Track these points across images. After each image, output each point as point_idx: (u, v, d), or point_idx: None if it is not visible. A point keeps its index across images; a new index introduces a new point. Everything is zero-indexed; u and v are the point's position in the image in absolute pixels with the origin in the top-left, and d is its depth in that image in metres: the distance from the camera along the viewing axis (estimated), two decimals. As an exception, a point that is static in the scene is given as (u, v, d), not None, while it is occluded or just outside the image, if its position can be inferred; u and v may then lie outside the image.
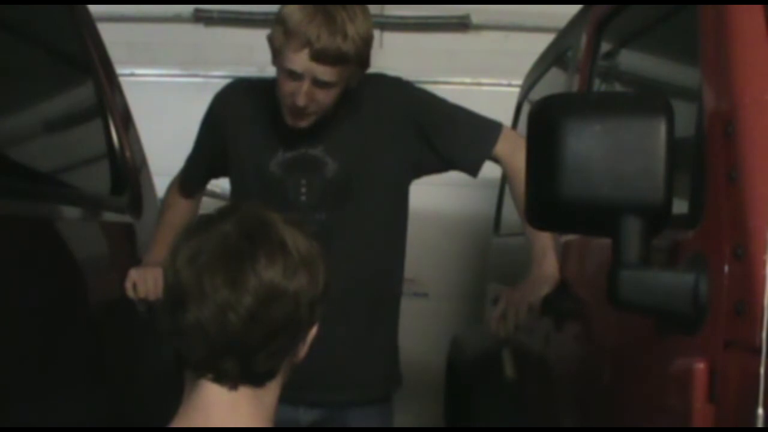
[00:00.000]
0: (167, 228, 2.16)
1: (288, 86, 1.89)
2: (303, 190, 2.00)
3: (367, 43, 1.90)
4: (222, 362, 1.18)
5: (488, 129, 2.09)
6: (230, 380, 1.20)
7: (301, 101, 1.88)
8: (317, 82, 1.87)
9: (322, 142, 2.00)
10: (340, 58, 1.85)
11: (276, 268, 1.18)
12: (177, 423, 1.22)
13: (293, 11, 1.85)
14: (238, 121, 2.08)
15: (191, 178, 2.26)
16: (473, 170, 2.10)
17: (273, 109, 2.00)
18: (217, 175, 2.25)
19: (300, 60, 1.85)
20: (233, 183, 2.13)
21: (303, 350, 1.28)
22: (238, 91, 2.14)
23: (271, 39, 1.92)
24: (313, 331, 1.28)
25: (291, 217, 1.28)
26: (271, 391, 1.25)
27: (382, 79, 2.09)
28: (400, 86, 2.10)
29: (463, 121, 2.08)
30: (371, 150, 2.03)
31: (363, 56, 1.91)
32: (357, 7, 1.88)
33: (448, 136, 2.05)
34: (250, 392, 1.21)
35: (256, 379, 1.22)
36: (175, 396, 1.26)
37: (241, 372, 1.20)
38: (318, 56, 1.83)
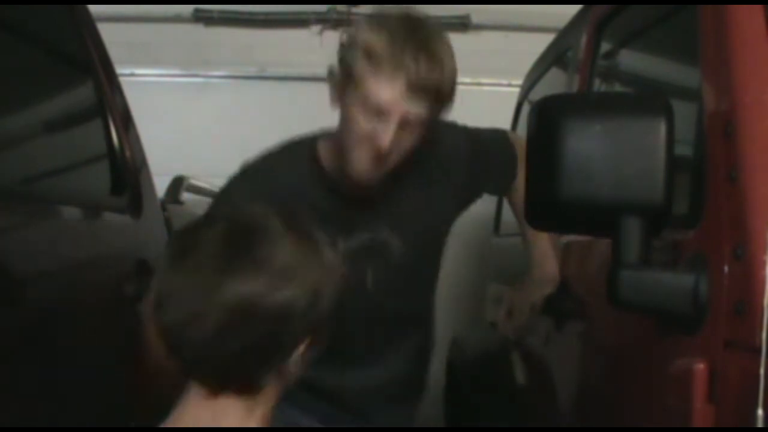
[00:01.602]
0: None
1: (367, 126, 1.56)
2: (370, 278, 1.75)
3: (456, 79, 1.60)
4: (198, 365, 1.17)
5: (508, 150, 1.96)
6: (210, 386, 1.18)
7: (386, 143, 1.54)
8: (405, 122, 1.55)
9: (386, 221, 1.73)
10: (439, 93, 1.56)
11: (255, 281, 1.12)
12: (168, 422, 1.21)
13: (375, 30, 1.54)
14: None
15: None
16: (502, 193, 2.06)
17: (318, 203, 1.68)
18: None
19: (393, 92, 1.52)
20: None
21: (297, 365, 1.21)
22: (257, 183, 1.73)
23: (344, 66, 1.57)
24: (307, 341, 1.19)
25: (292, 222, 1.20)
26: (263, 401, 1.21)
27: (440, 127, 1.74)
28: (457, 133, 1.85)
29: (495, 151, 1.94)
30: (439, 220, 1.83)
31: (452, 96, 1.61)
32: (442, 33, 1.62)
33: (492, 175, 1.93)
34: (237, 399, 1.19)
35: (238, 389, 1.19)
36: (175, 395, 1.26)
37: (220, 381, 1.17)
38: (415, 89, 1.52)
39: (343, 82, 1.59)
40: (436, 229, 1.86)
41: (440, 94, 1.57)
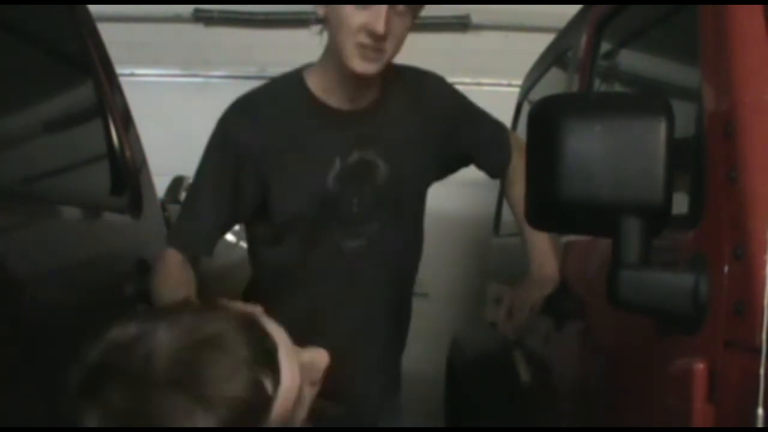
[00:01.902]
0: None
1: (359, 18, 1.65)
2: (355, 200, 1.80)
3: None
4: None
5: (503, 132, 2.06)
6: None
7: (381, 26, 1.62)
8: (393, 10, 1.65)
9: (374, 144, 1.81)
10: None
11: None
12: None
13: None
14: (275, 146, 1.78)
15: (214, 227, 1.83)
16: (496, 174, 2.07)
17: (309, 124, 1.79)
18: (238, 221, 1.90)
19: None
20: (276, 216, 1.81)
21: None
22: (255, 113, 1.81)
23: None
24: None
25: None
26: None
27: (426, 75, 1.95)
28: (444, 85, 1.98)
29: (488, 124, 2.04)
30: (418, 152, 1.88)
31: None
32: None
33: (477, 140, 1.99)
34: None
35: None
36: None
37: None
38: None
39: None
40: (419, 164, 1.90)
41: None
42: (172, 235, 1.89)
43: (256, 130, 1.78)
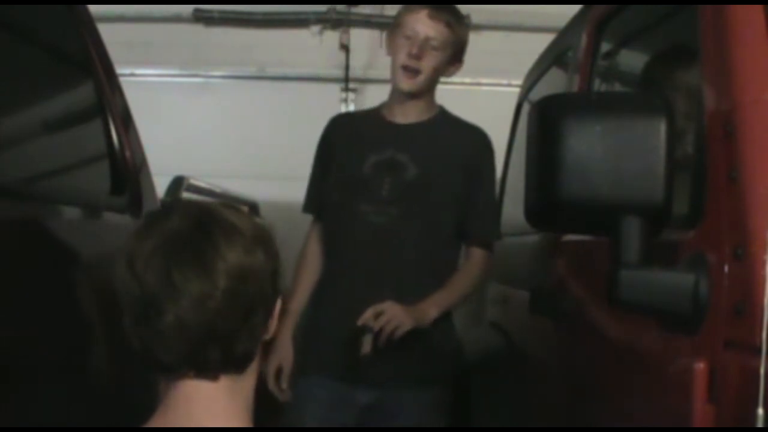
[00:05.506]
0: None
1: (404, 47, 2.25)
2: (386, 186, 2.30)
3: (466, 34, 2.33)
4: (205, 353, 1.18)
5: (492, 211, 2.40)
6: (213, 371, 1.20)
7: (415, 49, 2.22)
8: (428, 42, 2.23)
9: (409, 151, 2.30)
10: (450, 20, 2.25)
11: (236, 248, 1.19)
12: (154, 422, 1.22)
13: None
14: (341, 142, 2.43)
15: (318, 195, 2.47)
16: (467, 239, 2.35)
17: (365, 129, 2.40)
18: None
19: (418, 19, 2.24)
20: (332, 185, 2.40)
21: (273, 326, 1.29)
22: (339, 120, 2.55)
23: (394, 20, 2.32)
24: (278, 305, 1.28)
25: (226, 203, 1.32)
26: (249, 377, 1.25)
27: (478, 128, 2.39)
28: (487, 142, 2.36)
29: (488, 194, 2.37)
30: (447, 167, 2.30)
31: (463, 42, 2.31)
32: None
33: (475, 196, 2.32)
34: (229, 383, 1.22)
35: (237, 363, 1.22)
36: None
37: (224, 358, 1.20)
38: (434, 14, 2.23)
39: (391, 30, 2.32)
40: (446, 177, 2.31)
41: (453, 22, 2.26)
42: None
43: (335, 132, 2.46)
